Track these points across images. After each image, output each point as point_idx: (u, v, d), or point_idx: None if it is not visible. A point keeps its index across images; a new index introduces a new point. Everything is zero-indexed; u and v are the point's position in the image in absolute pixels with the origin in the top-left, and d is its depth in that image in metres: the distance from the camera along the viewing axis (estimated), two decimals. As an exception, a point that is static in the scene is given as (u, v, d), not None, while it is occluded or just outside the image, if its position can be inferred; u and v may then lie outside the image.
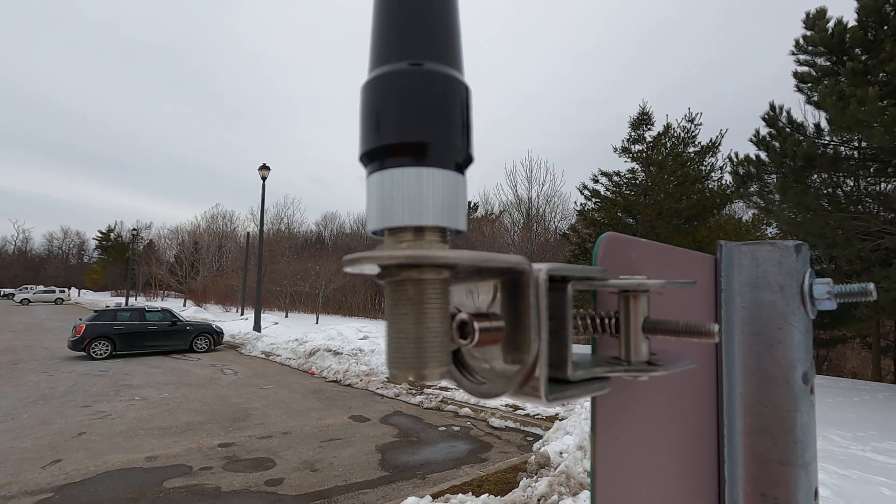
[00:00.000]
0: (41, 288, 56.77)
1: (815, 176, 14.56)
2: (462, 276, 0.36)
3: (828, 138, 14.25)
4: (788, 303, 0.51)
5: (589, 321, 0.38)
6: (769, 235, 22.46)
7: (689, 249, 0.52)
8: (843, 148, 13.91)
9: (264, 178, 23.33)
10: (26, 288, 56.67)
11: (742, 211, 26.28)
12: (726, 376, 0.53)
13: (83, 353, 15.53)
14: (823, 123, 14.09)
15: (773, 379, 0.51)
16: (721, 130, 18.74)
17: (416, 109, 0.29)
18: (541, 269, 0.33)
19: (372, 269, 0.31)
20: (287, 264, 40.01)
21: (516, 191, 33.51)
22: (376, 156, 0.30)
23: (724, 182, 18.86)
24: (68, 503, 5.44)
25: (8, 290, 64.25)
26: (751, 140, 15.32)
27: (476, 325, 0.33)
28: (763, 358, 0.51)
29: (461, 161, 0.32)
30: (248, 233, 34.71)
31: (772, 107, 14.96)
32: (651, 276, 0.44)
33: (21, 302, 50.64)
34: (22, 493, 5.66)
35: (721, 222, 19.41)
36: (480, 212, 44.73)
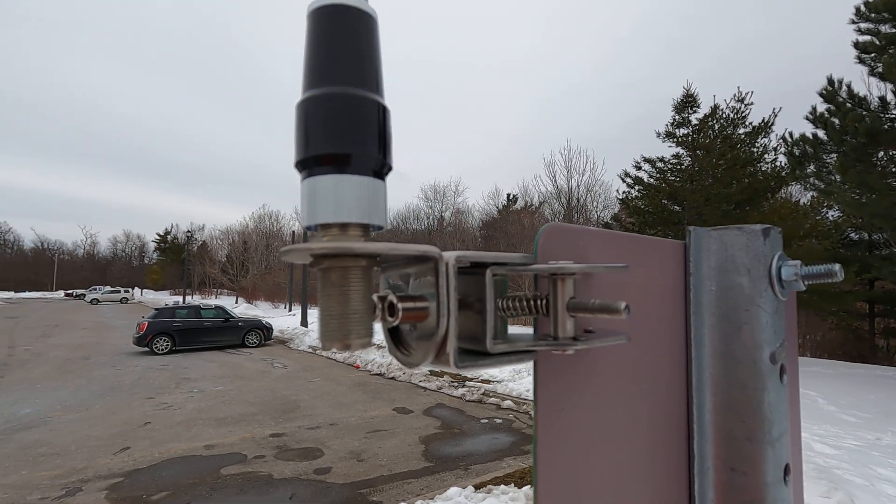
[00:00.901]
0: (108, 288, 60.85)
1: (881, 153, 13.54)
2: (394, 263, 0.41)
3: (895, 112, 13.20)
4: (756, 285, 0.52)
5: (525, 303, 0.42)
6: (830, 218, 21.05)
7: (655, 237, 0.54)
8: (912, 121, 12.86)
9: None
10: (95, 288, 60.86)
11: (799, 193, 24.77)
12: (695, 357, 0.55)
13: (146, 349, 16.61)
14: (889, 96, 13.07)
15: (740, 360, 0.52)
16: (774, 109, 17.68)
17: (337, 126, 0.35)
18: (451, 256, 0.38)
19: (304, 259, 0.37)
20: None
21: (555, 181, 33.02)
22: (306, 164, 0.36)
23: (778, 164, 17.81)
24: (136, 487, 5.88)
25: (79, 291, 69.31)
26: (807, 118, 14.40)
27: (400, 305, 0.38)
28: (731, 339, 0.53)
29: (378, 168, 0.37)
30: (294, 231, 35.93)
31: (829, 81, 13.99)
32: (602, 262, 0.47)
33: (91, 302, 54.50)
34: (97, 477, 6.17)
35: (776, 206, 18.34)
36: (520, 203, 44.22)
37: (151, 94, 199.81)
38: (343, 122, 0.35)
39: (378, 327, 0.40)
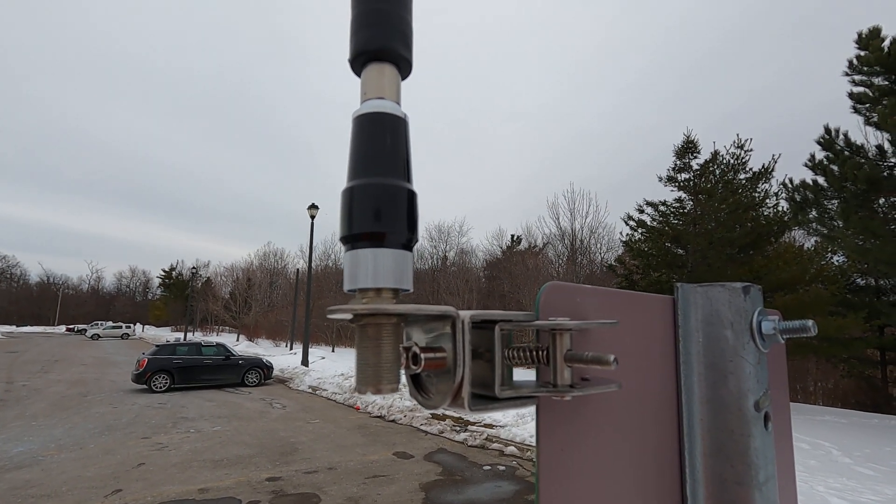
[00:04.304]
0: (110, 324, 60.56)
1: (882, 200, 13.71)
2: (418, 320, 0.47)
3: (893, 160, 13.45)
4: (739, 338, 0.57)
5: (528, 353, 0.48)
6: (835, 263, 21.00)
7: (645, 293, 0.60)
8: (911, 169, 13.08)
9: (313, 217, 24.38)
10: (97, 324, 60.55)
11: (803, 238, 24.83)
12: (685, 403, 0.59)
13: (145, 386, 16.39)
14: (886, 145, 13.36)
15: (728, 406, 0.56)
16: (773, 155, 18.02)
17: (375, 209, 0.43)
18: (466, 315, 0.44)
19: (347, 316, 0.43)
20: (334, 299, 40.99)
21: (559, 223, 33.25)
22: (350, 240, 0.45)
23: (780, 209, 17.98)
24: (128, 531, 5.70)
25: (81, 326, 69.02)
26: (806, 165, 14.67)
27: (422, 355, 0.44)
28: (718, 387, 0.57)
29: (406, 242, 0.45)
30: (298, 269, 36.08)
31: (827, 130, 14.34)
32: (597, 317, 0.53)
33: (92, 337, 54.17)
34: (87, 519, 6.00)
35: (780, 251, 18.38)
36: (523, 245, 44.43)
37: (164, 134, 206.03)
38: (380, 206, 0.43)
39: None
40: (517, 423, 11.11)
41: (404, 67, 0.50)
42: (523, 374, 0.55)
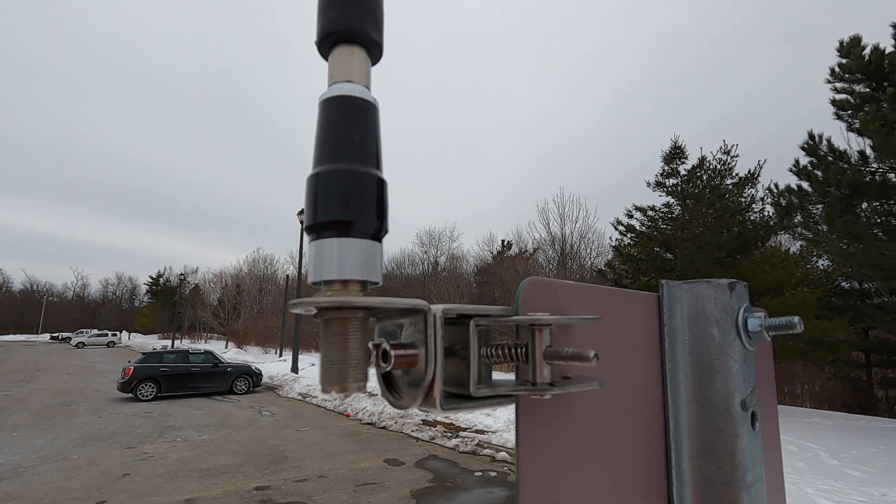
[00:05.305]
0: (95, 332, 59.49)
1: (865, 204, 13.95)
2: (388, 314, 0.45)
3: (875, 165, 13.71)
4: (725, 336, 0.56)
5: (507, 351, 0.46)
6: (821, 267, 21.30)
7: (630, 290, 0.58)
8: (892, 175, 13.31)
9: (302, 223, 24.28)
10: (82, 332, 59.45)
11: (789, 242, 25.17)
12: (672, 403, 0.58)
13: (131, 395, 16.10)
14: (868, 151, 13.61)
15: (715, 406, 0.55)
16: (759, 161, 18.30)
17: (342, 197, 0.41)
18: (438, 308, 0.42)
19: (310, 311, 0.41)
20: (324, 306, 40.56)
21: (549, 228, 33.45)
22: (315, 229, 0.42)
23: (766, 213, 18.23)
24: (111, 544, 5.56)
25: (65, 335, 67.72)
26: (791, 170, 14.89)
27: (392, 352, 0.42)
28: (704, 386, 0.56)
29: (375, 232, 0.43)
30: (288, 276, 35.79)
31: (811, 136, 14.59)
32: (580, 314, 0.52)
33: (77, 345, 53.17)
34: (69, 532, 5.85)
35: (766, 255, 18.61)
36: (514, 250, 44.55)
37: (152, 138, 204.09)
38: (346, 193, 0.40)
39: (372, 372, 0.44)
40: (508, 429, 11.07)
41: (374, 51, 0.47)
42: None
